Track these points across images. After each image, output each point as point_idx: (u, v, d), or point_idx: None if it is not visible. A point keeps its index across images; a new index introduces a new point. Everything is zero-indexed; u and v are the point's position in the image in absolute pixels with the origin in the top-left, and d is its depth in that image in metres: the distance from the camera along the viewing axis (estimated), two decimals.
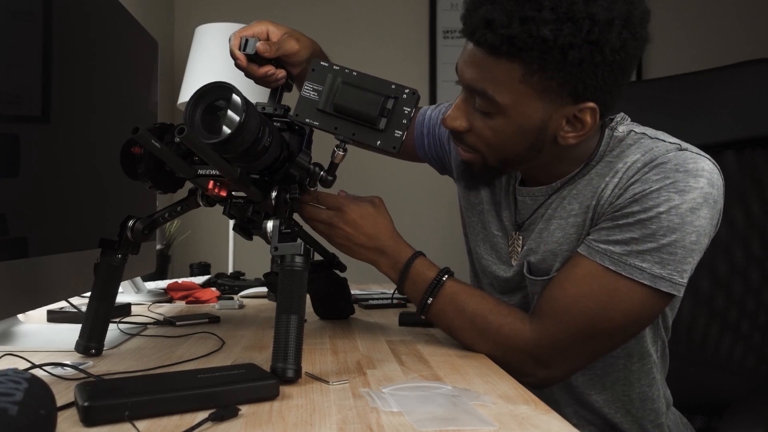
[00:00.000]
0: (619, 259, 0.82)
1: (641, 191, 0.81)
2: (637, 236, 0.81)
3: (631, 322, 0.86)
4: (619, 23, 0.76)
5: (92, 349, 0.81)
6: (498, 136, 0.85)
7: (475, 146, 0.88)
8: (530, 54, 0.77)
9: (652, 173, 0.82)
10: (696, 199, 0.80)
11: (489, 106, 0.83)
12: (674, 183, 0.80)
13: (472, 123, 0.87)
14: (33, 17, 0.82)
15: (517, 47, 0.77)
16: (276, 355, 0.67)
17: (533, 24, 0.75)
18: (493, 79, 0.81)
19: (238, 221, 0.86)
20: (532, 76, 0.79)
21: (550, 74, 0.78)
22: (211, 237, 2.55)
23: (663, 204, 0.80)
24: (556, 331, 0.85)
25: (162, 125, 0.78)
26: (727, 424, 0.96)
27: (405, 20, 2.74)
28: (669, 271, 0.81)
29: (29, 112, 0.82)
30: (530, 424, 0.57)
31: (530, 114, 0.82)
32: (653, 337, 0.96)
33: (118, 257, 0.82)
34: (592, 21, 0.75)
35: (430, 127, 1.15)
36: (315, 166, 0.84)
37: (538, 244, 0.92)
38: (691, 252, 0.81)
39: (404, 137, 0.84)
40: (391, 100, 0.83)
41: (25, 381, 0.45)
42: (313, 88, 0.86)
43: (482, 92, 0.82)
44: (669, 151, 0.83)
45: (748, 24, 2.85)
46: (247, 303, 1.39)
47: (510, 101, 0.81)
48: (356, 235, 0.92)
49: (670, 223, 0.80)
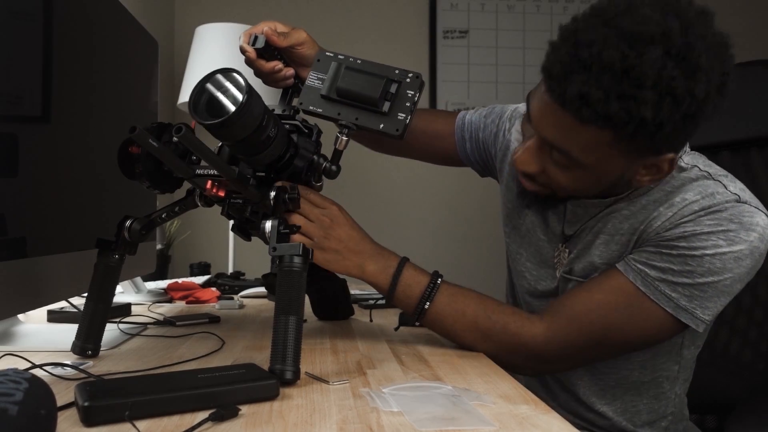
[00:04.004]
0: (651, 282, 0.83)
1: (692, 231, 0.82)
2: (676, 269, 0.82)
3: (642, 341, 0.89)
4: (714, 93, 0.73)
5: (89, 350, 0.81)
6: (574, 184, 0.85)
7: (547, 185, 0.88)
8: (625, 128, 0.74)
9: (707, 218, 0.82)
10: (743, 251, 0.81)
11: (569, 162, 0.81)
12: (726, 232, 0.81)
13: (546, 168, 0.85)
14: (33, 17, 0.82)
15: (613, 122, 0.73)
16: (275, 357, 0.67)
17: (633, 102, 0.71)
18: (579, 143, 0.78)
19: (236, 222, 0.86)
20: (620, 142, 0.76)
21: (640, 141, 0.76)
22: (211, 237, 2.55)
23: (710, 248, 0.81)
24: (570, 331, 0.87)
25: (160, 124, 0.77)
26: (734, 424, 0.95)
27: (405, 20, 2.74)
28: (694, 305, 0.83)
29: (29, 112, 0.82)
30: (530, 424, 0.57)
31: (612, 170, 0.82)
32: (673, 358, 0.97)
33: (115, 257, 0.82)
34: (692, 97, 0.72)
35: (472, 131, 1.15)
36: (318, 156, 0.84)
37: (582, 255, 0.93)
38: (722, 293, 0.83)
39: (408, 120, 0.83)
40: (395, 84, 0.83)
41: (25, 381, 0.45)
42: (317, 77, 0.87)
43: (565, 152, 0.80)
44: (728, 201, 0.83)
45: (749, 25, 2.84)
46: (247, 303, 1.39)
47: (594, 161, 0.80)
48: (349, 239, 0.87)
49: (711, 266, 0.81)
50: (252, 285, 1.58)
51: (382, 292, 0.91)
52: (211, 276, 1.71)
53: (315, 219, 0.86)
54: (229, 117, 0.66)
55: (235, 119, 0.67)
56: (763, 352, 1.30)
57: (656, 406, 0.99)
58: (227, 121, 0.67)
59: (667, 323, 0.84)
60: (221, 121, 0.67)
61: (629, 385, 0.98)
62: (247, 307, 1.33)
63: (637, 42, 0.71)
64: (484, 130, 1.13)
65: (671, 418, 1.01)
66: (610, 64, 0.70)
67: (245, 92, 0.67)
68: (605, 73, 0.71)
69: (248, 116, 0.68)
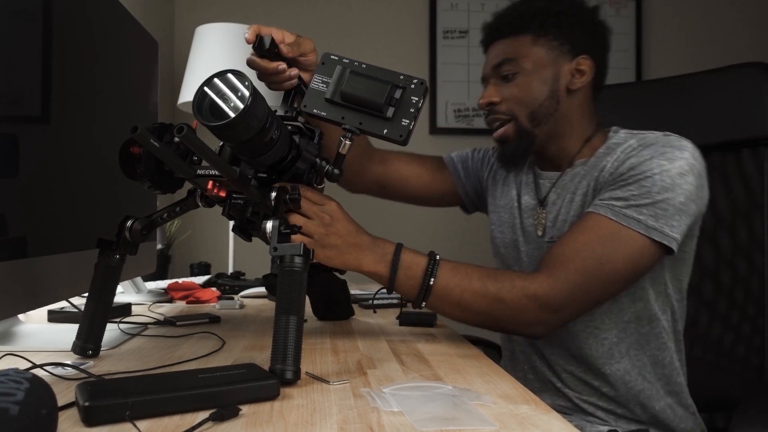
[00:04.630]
0: (619, 211, 0.96)
1: (637, 161, 0.99)
2: (635, 193, 0.97)
3: (630, 268, 0.98)
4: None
5: (89, 350, 0.81)
6: (524, 90, 1.08)
7: (509, 109, 1.10)
8: (534, 24, 1.07)
9: (645, 150, 1.00)
10: (683, 166, 0.97)
11: (513, 67, 1.08)
12: (663, 154, 0.98)
13: (502, 94, 1.10)
14: (33, 17, 0.82)
15: (524, 21, 1.07)
16: (275, 357, 0.67)
17: (526, 7, 1.08)
18: (512, 50, 1.09)
19: (237, 222, 0.86)
20: (539, 39, 1.08)
21: (553, 36, 1.07)
22: (211, 237, 2.55)
23: (656, 168, 0.97)
24: (568, 272, 0.95)
25: (161, 125, 0.77)
26: (738, 422, 0.96)
27: (405, 20, 2.74)
28: (661, 224, 0.95)
29: (29, 112, 0.82)
30: (531, 423, 0.57)
31: (544, 66, 1.08)
32: (661, 304, 1.07)
33: (116, 257, 0.82)
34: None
35: (462, 161, 1.32)
36: (321, 159, 0.84)
37: (555, 215, 1.10)
38: (681, 212, 0.96)
39: (412, 127, 0.83)
40: (399, 89, 0.83)
41: (26, 381, 0.45)
42: (322, 80, 0.86)
43: (507, 60, 1.09)
44: (657, 137, 1.02)
45: (749, 25, 2.85)
46: (247, 303, 1.39)
47: (528, 60, 1.08)
48: (347, 234, 0.89)
49: (662, 183, 0.96)
50: (252, 285, 1.58)
51: (383, 281, 0.93)
52: (212, 276, 1.71)
53: (314, 216, 0.87)
54: (234, 119, 0.66)
55: (240, 121, 0.67)
56: (757, 346, 1.30)
57: (660, 357, 1.08)
58: (231, 123, 0.67)
59: (645, 246, 0.96)
60: (226, 123, 0.67)
61: (631, 339, 1.07)
62: (248, 307, 1.33)
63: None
64: (472, 159, 1.32)
65: (676, 372, 1.09)
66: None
67: (250, 94, 0.67)
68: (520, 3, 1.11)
69: (252, 118, 0.69)
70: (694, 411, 1.12)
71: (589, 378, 1.09)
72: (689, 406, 1.11)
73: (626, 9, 2.80)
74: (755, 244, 1.32)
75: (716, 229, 1.40)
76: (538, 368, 1.15)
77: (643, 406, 1.07)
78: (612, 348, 1.07)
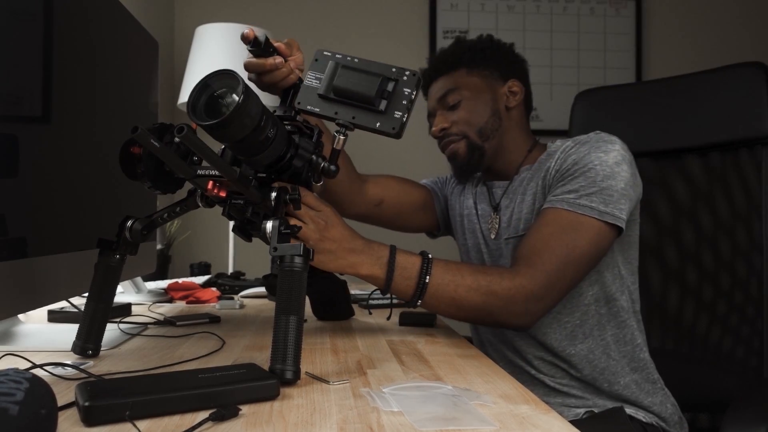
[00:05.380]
0: (573, 202, 1.08)
1: (578, 157, 1.12)
2: (583, 183, 1.09)
3: (594, 251, 1.08)
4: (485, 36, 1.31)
5: (89, 350, 0.81)
6: (470, 112, 1.24)
7: (460, 130, 1.24)
8: (465, 59, 1.26)
9: (582, 147, 1.14)
10: (617, 157, 1.10)
11: (457, 96, 1.24)
12: (598, 148, 1.12)
13: (451, 119, 1.25)
14: (33, 17, 0.82)
15: (457, 58, 1.26)
16: (275, 357, 0.67)
17: (456, 48, 1.28)
18: (452, 82, 1.26)
19: (237, 222, 0.86)
20: (473, 70, 1.26)
21: (483, 66, 1.26)
22: (211, 237, 2.55)
23: (595, 161, 1.10)
24: (543, 263, 1.03)
25: (162, 125, 0.77)
26: (730, 422, 0.96)
27: (405, 20, 2.74)
28: (611, 208, 1.07)
29: (29, 112, 0.82)
30: (530, 423, 0.57)
31: (482, 90, 1.25)
32: (619, 285, 1.18)
33: (116, 258, 0.82)
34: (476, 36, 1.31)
35: (434, 182, 1.44)
36: (317, 156, 0.84)
37: (509, 216, 1.22)
38: (623, 196, 1.08)
39: (405, 119, 0.83)
40: (392, 82, 0.83)
41: (25, 381, 0.45)
42: (315, 76, 0.86)
43: (449, 90, 1.25)
44: (590, 135, 1.16)
45: (749, 25, 2.85)
46: (247, 303, 1.39)
47: (467, 88, 1.25)
48: (342, 239, 0.91)
49: (603, 172, 1.08)
50: (252, 285, 1.58)
51: (379, 283, 0.95)
52: (212, 276, 1.71)
53: (310, 221, 0.89)
54: (226, 117, 0.66)
55: (232, 120, 0.67)
56: (756, 348, 1.30)
57: (621, 335, 1.18)
58: (224, 122, 0.67)
59: (601, 229, 1.07)
60: (217, 122, 0.66)
61: (592, 321, 1.17)
62: (248, 307, 1.33)
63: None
64: (440, 181, 1.45)
65: (639, 348, 1.19)
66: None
67: (242, 92, 0.67)
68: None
69: (245, 116, 0.68)
70: (663, 386, 1.21)
71: (558, 361, 1.18)
72: (656, 380, 1.20)
73: (626, 9, 2.80)
74: (753, 244, 1.32)
75: (715, 229, 1.40)
76: (510, 358, 1.23)
77: (610, 383, 1.16)
78: (575, 330, 1.17)
